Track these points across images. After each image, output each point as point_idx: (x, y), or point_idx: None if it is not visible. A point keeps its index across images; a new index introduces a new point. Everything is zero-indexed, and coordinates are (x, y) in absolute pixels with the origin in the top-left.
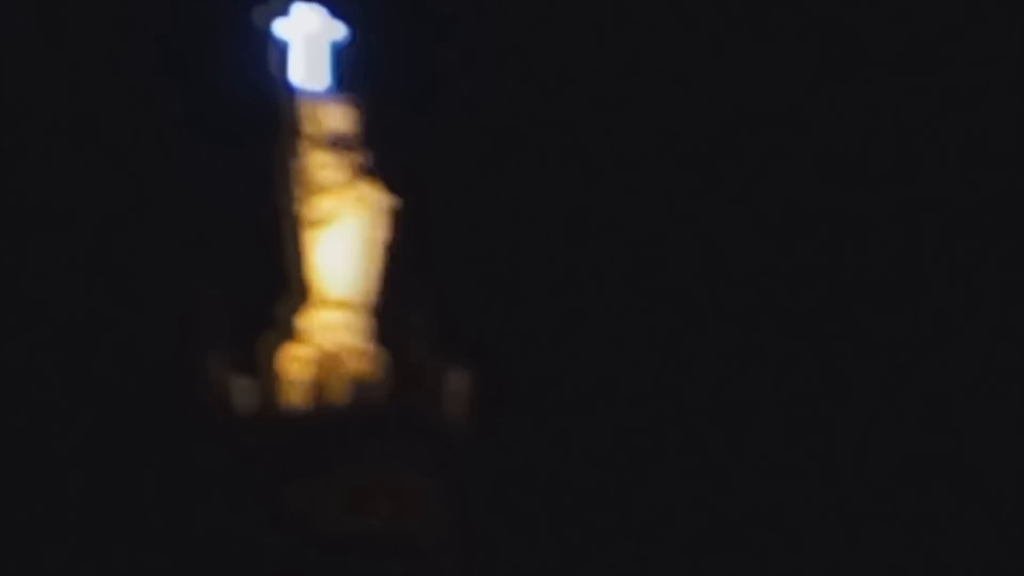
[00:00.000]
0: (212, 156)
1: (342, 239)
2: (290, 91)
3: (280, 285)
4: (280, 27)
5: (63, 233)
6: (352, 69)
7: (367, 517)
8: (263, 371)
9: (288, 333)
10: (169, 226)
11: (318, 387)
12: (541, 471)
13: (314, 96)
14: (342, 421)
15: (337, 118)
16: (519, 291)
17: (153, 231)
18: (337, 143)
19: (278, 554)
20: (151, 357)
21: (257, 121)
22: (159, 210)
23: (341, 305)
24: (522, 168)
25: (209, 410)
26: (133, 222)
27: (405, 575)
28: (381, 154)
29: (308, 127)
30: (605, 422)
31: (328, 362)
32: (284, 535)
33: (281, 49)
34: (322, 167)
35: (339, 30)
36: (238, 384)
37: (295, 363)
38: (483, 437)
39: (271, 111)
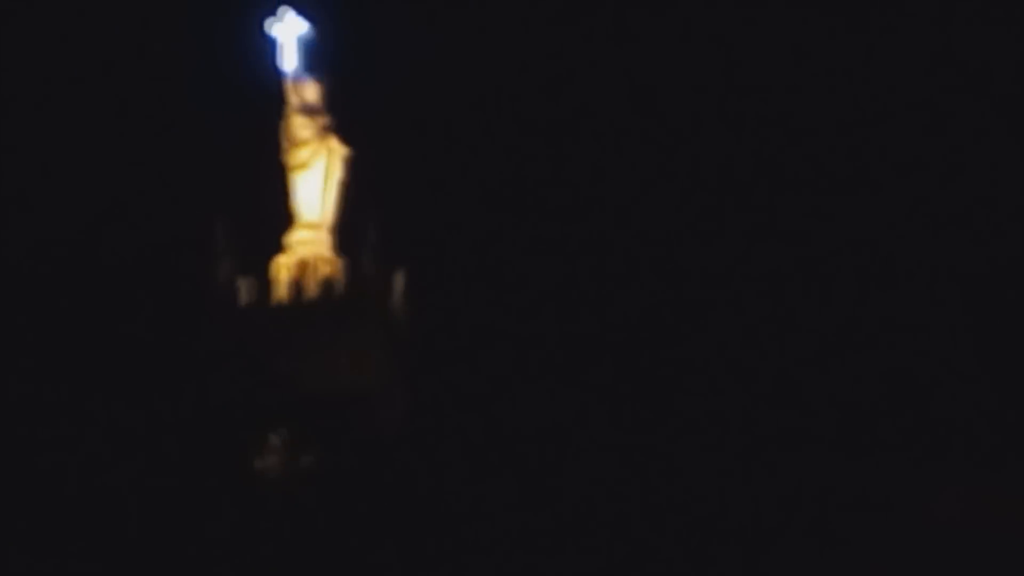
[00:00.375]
0: (226, 119)
1: (315, 178)
2: (279, 73)
3: (272, 211)
4: (274, 29)
5: (126, 183)
6: (320, 57)
7: (333, 380)
8: (260, 274)
9: (277, 246)
10: (193, 169)
11: (297, 286)
12: (465, 345)
13: (295, 76)
14: (315, 311)
15: (311, 92)
16: (449, 212)
17: (182, 173)
18: (311, 110)
19: (270, 408)
20: (180, 264)
21: (257, 94)
22: (188, 158)
23: (314, 226)
24: (455, 126)
25: (220, 302)
26: (168, 168)
27: (360, 420)
28: (341, 117)
29: (291, 98)
30: (524, 314)
31: (305, 267)
32: (273, 393)
33: (274, 44)
34: (301, 127)
35: (312, 30)
36: (242, 283)
37: (282, 268)
38: (419, 322)
39: (266, 87)
